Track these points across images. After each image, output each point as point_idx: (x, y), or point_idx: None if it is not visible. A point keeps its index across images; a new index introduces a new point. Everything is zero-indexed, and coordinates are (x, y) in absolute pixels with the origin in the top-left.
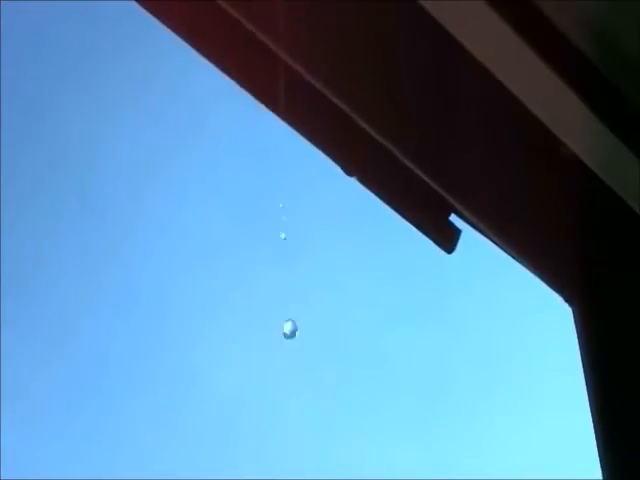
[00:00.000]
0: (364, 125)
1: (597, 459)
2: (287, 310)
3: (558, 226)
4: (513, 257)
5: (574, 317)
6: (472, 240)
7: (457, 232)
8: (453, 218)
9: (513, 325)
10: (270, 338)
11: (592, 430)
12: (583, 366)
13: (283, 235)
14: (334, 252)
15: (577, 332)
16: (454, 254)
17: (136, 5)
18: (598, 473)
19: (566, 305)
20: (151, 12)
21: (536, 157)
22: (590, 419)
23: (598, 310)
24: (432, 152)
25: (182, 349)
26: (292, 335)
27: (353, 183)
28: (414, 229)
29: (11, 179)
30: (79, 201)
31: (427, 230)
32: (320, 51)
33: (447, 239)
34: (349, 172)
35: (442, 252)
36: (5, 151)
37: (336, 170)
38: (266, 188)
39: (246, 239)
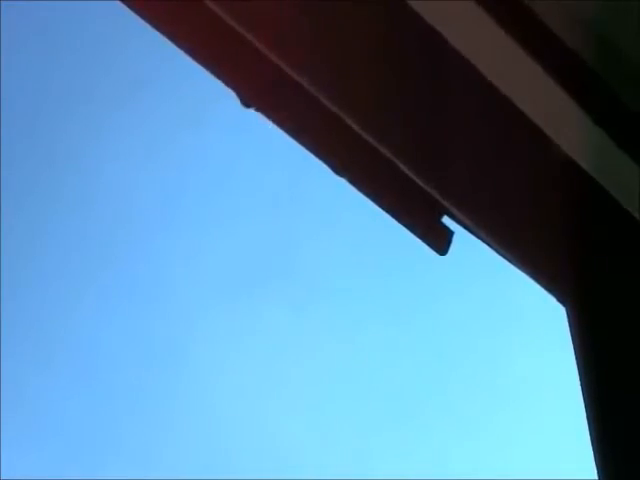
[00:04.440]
0: (355, 126)
1: (592, 460)
2: (281, 315)
3: (551, 226)
4: (506, 258)
5: (567, 317)
6: (465, 241)
7: (450, 234)
8: (445, 220)
9: (506, 325)
10: (269, 339)
11: (587, 430)
12: (577, 366)
13: None
14: (327, 255)
15: (570, 332)
16: (447, 255)
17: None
18: (594, 473)
19: (559, 305)
20: (138, 13)
21: (529, 158)
22: (585, 419)
23: (591, 310)
24: (424, 153)
25: (181, 351)
26: None
27: (343, 184)
28: (406, 231)
29: (7, 179)
30: (76, 200)
31: (419, 232)
32: (310, 51)
33: (440, 241)
34: (339, 172)
35: (435, 254)
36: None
37: (326, 171)
38: (258, 189)
39: (243, 240)
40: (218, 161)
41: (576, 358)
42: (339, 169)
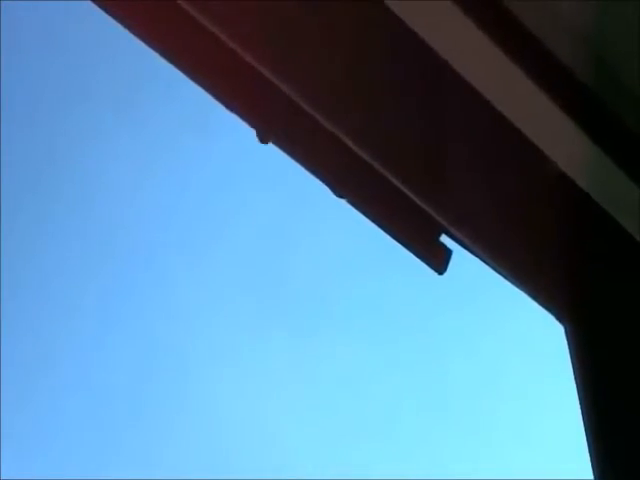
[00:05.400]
0: (353, 146)
1: (592, 477)
2: (283, 330)
3: (549, 245)
4: (504, 277)
5: (566, 335)
6: (464, 260)
7: (448, 252)
8: (444, 239)
9: (506, 344)
10: (270, 350)
11: (586, 447)
12: (576, 383)
13: None
14: (324, 273)
15: (569, 350)
16: (445, 274)
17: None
18: None
19: (558, 323)
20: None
21: (527, 176)
22: (584, 436)
23: (590, 327)
24: (422, 173)
25: (183, 362)
26: None
27: (343, 204)
28: (405, 250)
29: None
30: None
31: (418, 251)
32: (306, 70)
33: (438, 260)
34: (339, 193)
35: (434, 273)
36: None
37: (326, 191)
38: (254, 206)
39: (243, 246)
40: (219, 167)
41: (575, 375)
42: (338, 190)
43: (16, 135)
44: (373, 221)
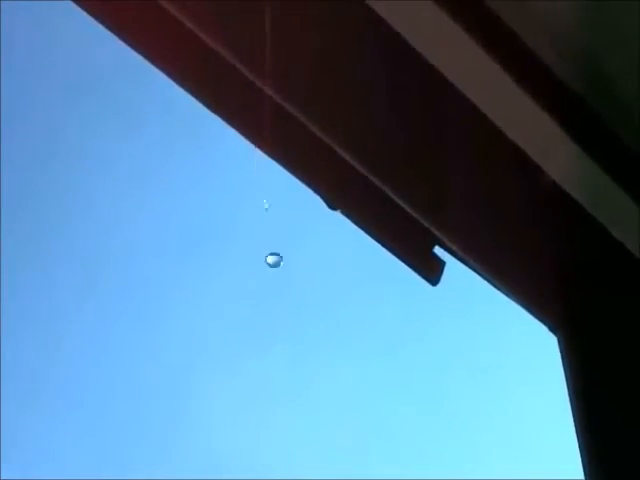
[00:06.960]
0: (347, 158)
1: None
2: (280, 345)
3: (542, 256)
4: (497, 288)
5: (559, 345)
6: (457, 272)
7: (442, 264)
8: (437, 250)
9: (499, 355)
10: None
11: (579, 458)
12: (569, 393)
13: (266, 205)
14: (319, 284)
15: (562, 360)
16: (439, 286)
17: None
18: None
19: (551, 334)
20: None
21: (522, 188)
22: (576, 445)
23: (582, 338)
24: (416, 184)
25: (181, 368)
26: (276, 265)
27: (337, 216)
28: (399, 261)
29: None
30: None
31: (412, 262)
32: (300, 80)
33: (432, 271)
34: (333, 205)
35: (427, 284)
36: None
37: (319, 202)
38: (250, 216)
39: (236, 254)
40: (217, 175)
41: (567, 385)
42: (332, 202)
43: (16, 137)
44: (366, 232)
